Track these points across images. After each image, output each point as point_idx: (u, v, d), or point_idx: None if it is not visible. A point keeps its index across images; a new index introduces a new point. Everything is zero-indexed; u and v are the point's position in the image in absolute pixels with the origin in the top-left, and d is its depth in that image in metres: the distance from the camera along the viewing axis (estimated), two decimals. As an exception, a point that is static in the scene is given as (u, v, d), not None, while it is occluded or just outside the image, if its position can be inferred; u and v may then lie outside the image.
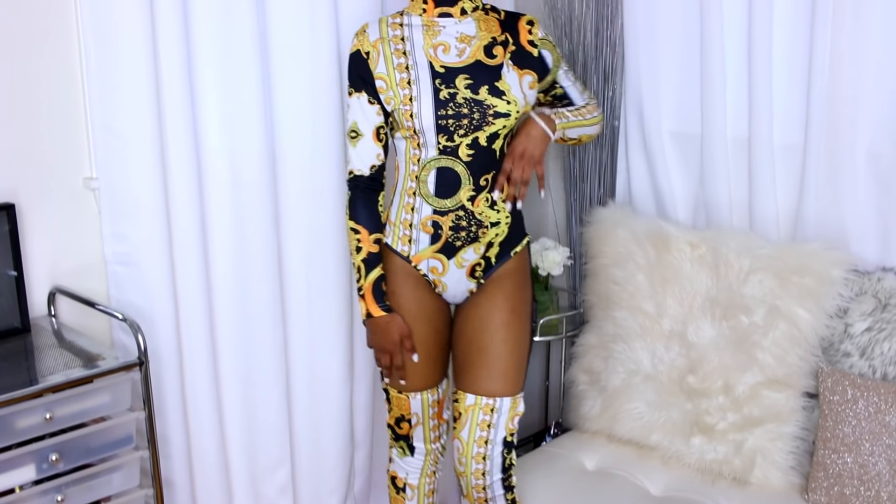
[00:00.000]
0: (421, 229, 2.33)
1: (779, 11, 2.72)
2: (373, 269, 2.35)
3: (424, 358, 2.40)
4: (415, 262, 2.37)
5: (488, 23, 2.32)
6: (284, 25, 2.60)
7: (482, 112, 2.24)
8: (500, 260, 2.39)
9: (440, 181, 2.29)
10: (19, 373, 2.18)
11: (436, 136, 2.25)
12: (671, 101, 3.03)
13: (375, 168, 2.35)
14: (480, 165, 2.28)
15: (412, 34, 2.30)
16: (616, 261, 2.93)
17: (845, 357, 2.55)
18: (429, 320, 2.40)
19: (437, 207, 2.31)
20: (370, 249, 2.35)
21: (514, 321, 2.38)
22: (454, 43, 2.28)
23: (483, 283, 2.40)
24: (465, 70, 2.26)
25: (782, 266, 2.63)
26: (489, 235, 2.35)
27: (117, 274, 2.54)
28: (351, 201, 2.37)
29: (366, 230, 2.35)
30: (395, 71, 2.27)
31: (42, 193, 2.44)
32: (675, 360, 2.76)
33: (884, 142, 2.58)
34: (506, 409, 2.34)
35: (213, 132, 2.52)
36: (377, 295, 2.35)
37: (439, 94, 2.23)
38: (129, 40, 2.38)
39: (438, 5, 2.29)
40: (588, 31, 3.15)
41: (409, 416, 2.47)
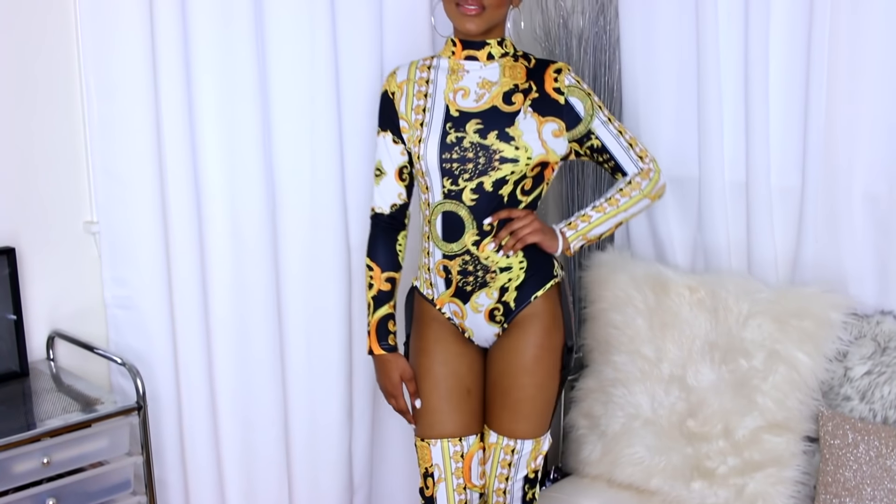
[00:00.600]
0: (436, 273, 2.36)
1: (775, 56, 2.75)
2: (380, 306, 2.40)
3: (443, 401, 2.37)
4: (438, 306, 2.39)
5: (514, 69, 2.32)
6: (284, 71, 2.62)
7: (488, 157, 2.24)
8: (520, 304, 2.35)
9: (446, 225, 2.31)
10: (17, 417, 2.17)
11: (440, 179, 2.27)
12: (669, 145, 3.05)
13: (396, 207, 2.40)
14: (485, 210, 2.28)
15: (437, 77, 2.33)
16: (615, 305, 2.92)
17: (845, 401, 2.54)
18: (446, 363, 2.38)
19: (445, 252, 2.32)
20: (381, 287, 2.40)
21: (538, 367, 2.35)
22: (474, 88, 2.29)
23: (507, 327, 2.38)
24: (479, 115, 2.27)
25: (781, 309, 2.63)
26: (500, 280, 2.32)
27: (117, 318, 2.54)
28: (370, 238, 2.44)
29: (378, 268, 2.41)
30: (412, 112, 2.32)
31: (42, 237, 2.44)
32: (675, 404, 2.76)
33: (881, 184, 2.59)
34: (527, 451, 2.36)
35: (213, 177, 2.53)
36: (380, 333, 2.40)
37: (447, 137, 2.25)
38: (131, 86, 2.40)
39: (466, 48, 2.31)
40: (586, 77, 3.17)
41: (432, 468, 2.38)
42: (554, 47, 3.25)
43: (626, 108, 3.14)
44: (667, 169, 3.00)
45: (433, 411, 2.38)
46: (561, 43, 3.22)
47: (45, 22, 2.38)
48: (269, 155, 2.64)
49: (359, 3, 2.73)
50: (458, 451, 2.38)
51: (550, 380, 2.38)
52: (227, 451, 2.66)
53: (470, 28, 2.24)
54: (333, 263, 2.75)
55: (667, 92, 3.03)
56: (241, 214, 2.59)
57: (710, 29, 2.82)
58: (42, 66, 2.39)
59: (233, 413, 2.66)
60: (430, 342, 2.40)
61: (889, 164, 2.58)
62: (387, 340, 2.41)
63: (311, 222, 2.71)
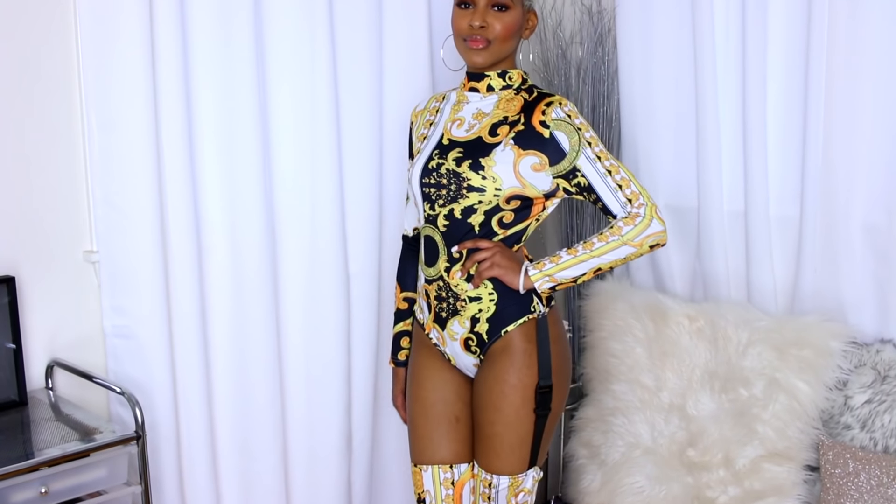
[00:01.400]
0: (422, 297, 2.38)
1: (773, 86, 2.77)
2: (397, 322, 2.54)
3: (431, 427, 2.36)
4: (427, 331, 2.39)
5: (510, 102, 2.29)
6: (284, 102, 2.64)
7: (458, 184, 2.23)
8: (491, 337, 2.28)
9: (427, 249, 2.33)
10: (15, 446, 2.16)
11: (422, 203, 2.31)
12: (668, 175, 3.06)
13: (417, 230, 2.46)
14: (454, 238, 2.26)
15: (444, 107, 2.37)
16: (614, 334, 2.93)
17: (846, 429, 2.53)
18: (434, 389, 2.38)
19: (426, 276, 2.34)
20: (399, 305, 2.53)
21: (504, 404, 2.26)
22: (469, 118, 2.31)
23: (483, 359, 2.33)
24: (463, 144, 2.26)
25: (781, 338, 2.63)
26: (470, 310, 2.28)
27: (116, 347, 2.53)
28: (399, 258, 2.56)
29: (399, 287, 2.53)
30: (417, 141, 2.39)
31: (42, 266, 2.45)
32: (675, 433, 2.75)
33: (879, 213, 2.60)
34: (504, 486, 2.29)
35: (213, 208, 2.54)
36: (394, 347, 2.55)
37: (430, 162, 2.28)
38: (132, 117, 2.41)
39: (470, 80, 2.33)
40: (585, 107, 3.19)
41: (424, 493, 2.38)
42: (553, 77, 3.27)
43: (625, 139, 3.15)
44: (666, 198, 3.03)
45: (423, 437, 2.38)
46: (560, 73, 3.24)
47: (46, 54, 2.39)
48: (268, 185, 2.65)
49: (358, 36, 2.75)
50: (449, 479, 2.37)
51: (519, 419, 2.26)
52: (226, 480, 2.65)
53: (477, 61, 2.25)
54: (333, 293, 2.76)
55: (665, 122, 3.04)
56: (240, 244, 2.60)
57: (708, 59, 2.84)
58: (44, 96, 2.40)
59: (231, 442, 2.65)
60: (420, 368, 2.42)
61: (887, 193, 2.59)
62: (398, 356, 2.53)
63: (310, 252, 2.72)
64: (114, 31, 2.38)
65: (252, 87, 2.55)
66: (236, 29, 2.51)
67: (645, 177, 3.09)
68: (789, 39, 2.73)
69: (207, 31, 2.47)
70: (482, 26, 2.20)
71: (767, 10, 2.74)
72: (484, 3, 2.22)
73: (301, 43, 2.63)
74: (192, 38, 2.46)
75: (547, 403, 2.28)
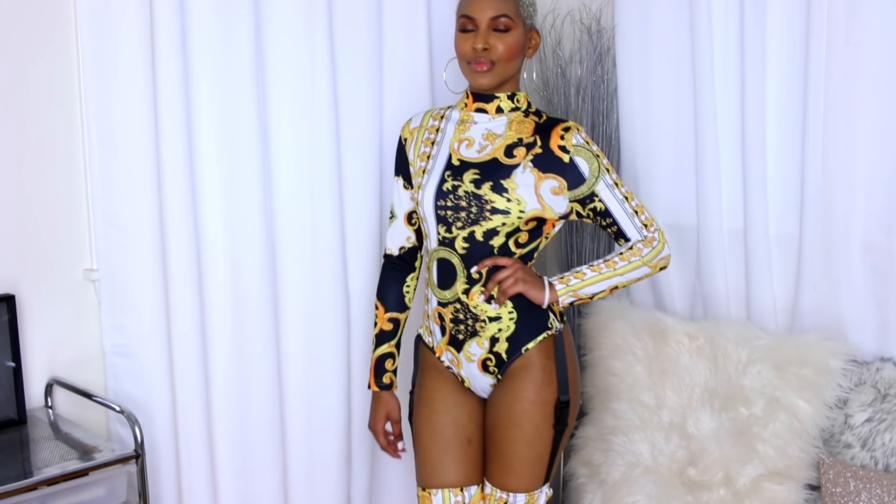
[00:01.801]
0: (433, 320, 2.37)
1: (771, 104, 2.77)
2: (381, 345, 2.47)
3: (443, 451, 2.35)
4: (438, 354, 2.40)
5: (522, 124, 2.32)
6: (285, 122, 2.65)
7: (480, 206, 2.24)
8: (511, 355, 2.31)
9: (440, 272, 2.32)
10: (14, 465, 2.16)
11: (436, 226, 2.29)
12: (667, 193, 3.06)
13: (404, 249, 2.46)
14: (475, 259, 2.28)
15: (447, 126, 2.36)
16: (614, 352, 2.92)
17: (846, 448, 2.53)
18: (447, 412, 2.37)
19: (440, 299, 2.34)
20: (383, 327, 2.47)
21: (525, 420, 2.30)
22: (479, 139, 2.31)
23: (501, 378, 2.35)
24: (478, 165, 2.27)
25: (781, 357, 2.63)
26: (490, 330, 2.30)
27: (115, 366, 2.53)
28: (380, 278, 2.52)
29: (383, 307, 2.47)
30: (417, 159, 2.36)
31: (42, 284, 2.45)
32: (676, 452, 2.74)
33: (879, 232, 2.60)
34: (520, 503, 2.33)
35: (213, 226, 2.55)
36: (378, 371, 2.47)
37: (444, 184, 2.27)
38: (132, 135, 2.42)
39: (476, 101, 2.34)
40: (585, 125, 3.19)
41: None
42: (552, 96, 3.27)
43: (624, 157, 3.16)
44: (665, 217, 3.04)
45: (433, 461, 2.36)
46: (559, 92, 3.25)
47: (46, 72, 2.40)
48: (268, 203, 2.66)
49: (358, 53, 2.76)
50: (460, 501, 2.36)
51: (539, 435, 2.31)
52: (225, 499, 2.65)
53: (482, 83, 2.27)
54: (333, 311, 2.76)
55: (664, 140, 3.05)
56: (240, 263, 2.60)
57: (707, 77, 2.85)
58: (44, 114, 2.41)
59: (231, 462, 2.65)
60: (430, 391, 2.40)
61: (887, 211, 2.59)
62: (382, 379, 2.46)
63: (310, 270, 2.73)
64: (114, 49, 2.39)
65: (252, 105, 2.56)
66: (237, 47, 2.52)
67: (644, 195, 3.10)
68: (788, 58, 2.74)
69: (208, 50, 2.48)
70: (485, 48, 2.23)
71: (766, 28, 2.75)
72: (486, 25, 2.24)
73: (301, 63, 2.65)
74: (192, 56, 2.47)
75: (565, 419, 2.33)
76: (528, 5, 2.30)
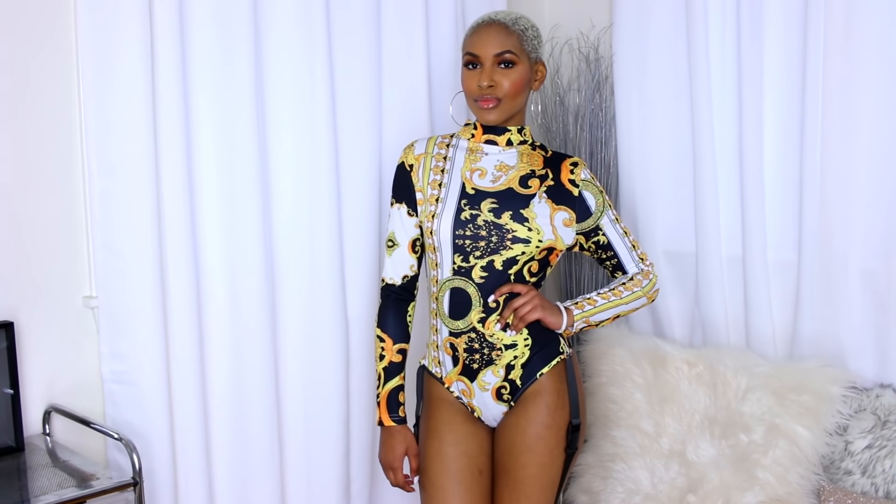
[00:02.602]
0: (444, 351, 2.36)
1: (769, 131, 2.79)
2: (392, 378, 2.39)
3: (454, 482, 2.32)
4: (447, 384, 2.39)
5: (532, 157, 2.37)
6: (285, 147, 2.66)
7: (500, 235, 2.26)
8: (525, 382, 2.34)
9: (453, 302, 2.32)
10: (12, 493, 2.15)
11: (452, 256, 2.29)
12: (665, 220, 3.07)
13: (408, 279, 2.42)
14: (492, 289, 2.29)
15: (455, 155, 2.37)
16: (613, 379, 2.92)
17: (847, 475, 2.52)
18: (457, 444, 2.35)
19: (451, 329, 2.33)
20: (392, 359, 2.39)
21: (539, 445, 2.31)
22: (492, 170, 2.34)
23: (514, 405, 2.36)
24: (495, 195, 2.30)
25: (780, 384, 2.63)
26: (506, 358, 2.32)
27: (114, 393, 2.52)
28: (381, 309, 2.44)
29: (391, 339, 2.40)
30: (428, 186, 2.35)
31: (41, 311, 2.44)
32: (675, 479, 2.73)
33: (877, 258, 2.61)
34: None
35: (212, 254, 2.55)
36: (391, 405, 2.38)
37: (461, 213, 2.28)
38: (132, 162, 2.42)
39: (486, 132, 2.37)
40: (583, 153, 3.21)
41: None
42: (550, 124, 3.29)
43: (623, 185, 3.17)
44: (664, 244, 3.05)
45: (445, 492, 2.32)
46: (558, 120, 3.27)
47: (47, 98, 2.41)
48: (268, 232, 2.66)
49: (359, 82, 2.78)
50: None
51: (552, 459, 2.33)
52: (224, 527, 2.64)
53: (490, 119, 2.31)
54: (332, 338, 2.76)
55: (663, 168, 3.06)
56: (239, 291, 2.60)
57: (705, 105, 2.86)
58: (44, 140, 2.41)
59: (229, 490, 2.64)
60: (439, 423, 2.38)
61: (885, 238, 2.60)
62: (397, 412, 2.39)
63: (309, 297, 2.73)
64: (114, 75, 2.40)
65: (252, 132, 2.57)
66: (236, 72, 2.54)
67: (643, 222, 3.11)
68: (785, 85, 2.76)
69: (207, 76, 2.49)
70: (490, 85, 2.26)
71: (762, 57, 2.77)
72: (490, 62, 2.27)
73: (303, 86, 2.65)
74: (192, 84, 2.48)
75: (575, 442, 2.36)
76: (532, 38, 2.32)
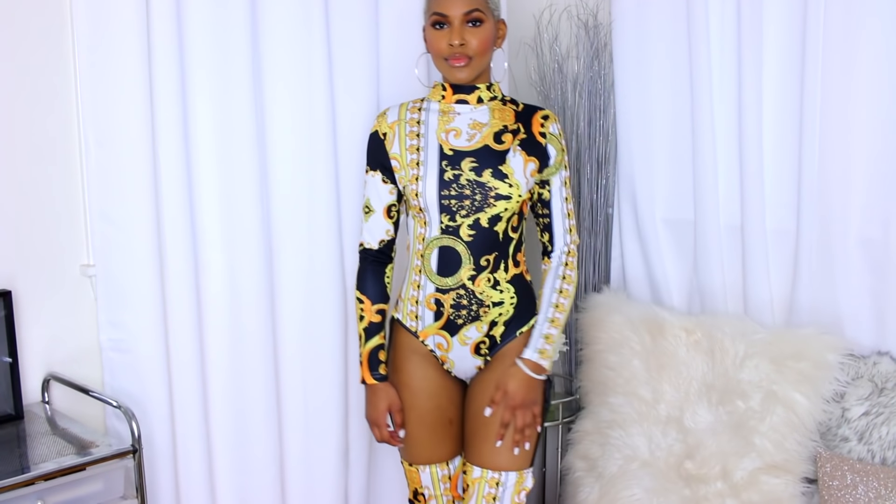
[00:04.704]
0: (425, 306, 2.40)
1: (768, 99, 2.77)
2: (371, 337, 2.45)
3: (428, 433, 2.45)
4: (422, 338, 2.43)
5: (503, 112, 2.41)
6: (281, 113, 2.65)
7: (484, 194, 2.32)
8: (505, 339, 2.41)
9: (442, 260, 2.36)
10: (11, 460, 2.15)
11: (439, 215, 2.33)
12: (664, 188, 3.07)
13: (384, 243, 2.47)
14: (481, 246, 2.34)
15: (428, 118, 2.41)
16: (611, 347, 2.93)
17: (843, 442, 2.53)
18: (431, 396, 2.44)
19: (439, 286, 2.37)
20: (371, 319, 2.45)
21: None
22: (466, 129, 2.38)
23: (490, 360, 2.43)
24: (473, 154, 2.35)
25: (778, 351, 2.63)
26: (491, 314, 2.38)
27: (112, 361, 2.53)
28: (359, 272, 2.50)
29: (369, 300, 2.46)
30: (406, 151, 2.38)
31: (39, 280, 2.45)
32: (673, 445, 2.75)
33: (875, 226, 2.60)
34: (511, 484, 2.37)
35: (210, 222, 2.55)
36: (372, 363, 2.45)
37: (444, 174, 2.33)
38: (129, 132, 2.42)
39: (456, 92, 2.40)
40: (581, 121, 3.20)
41: (422, 489, 2.51)
42: (549, 92, 3.28)
43: (621, 152, 3.16)
44: (662, 212, 3.05)
45: (420, 442, 2.46)
46: (556, 87, 3.25)
47: (43, 69, 2.40)
48: (265, 199, 2.65)
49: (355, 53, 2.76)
50: (446, 474, 2.50)
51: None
52: (222, 494, 2.64)
53: (461, 77, 2.35)
54: (330, 305, 2.76)
55: (661, 136, 3.05)
56: (237, 258, 2.60)
57: (704, 73, 2.85)
58: (40, 111, 2.41)
59: (228, 456, 2.65)
60: (412, 377, 2.45)
61: (883, 206, 2.59)
62: (378, 370, 2.45)
63: (307, 264, 2.72)
64: (111, 46, 2.39)
65: (249, 100, 2.56)
66: (233, 40, 2.53)
67: (641, 190, 3.10)
68: (785, 52, 2.74)
69: (204, 45, 2.48)
70: (462, 44, 2.30)
71: (763, 23, 2.75)
72: (459, 21, 2.31)
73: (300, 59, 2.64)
74: (189, 53, 2.46)
75: (548, 397, 2.45)
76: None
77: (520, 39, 3.35)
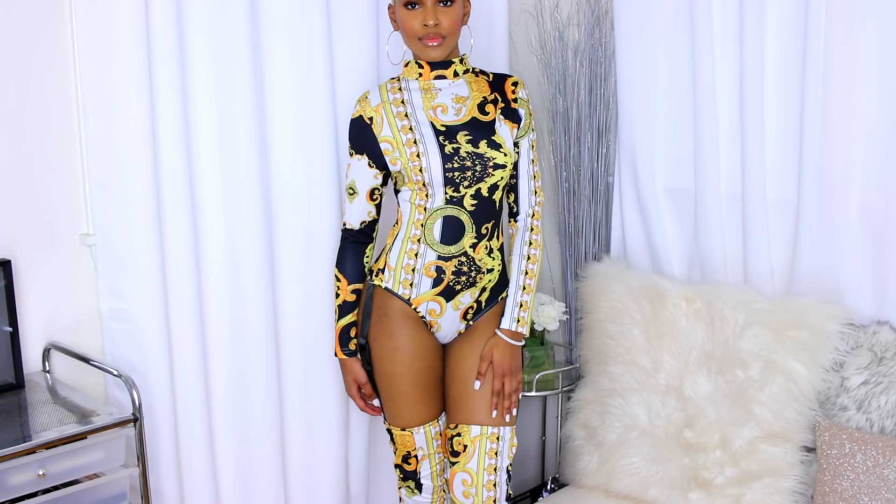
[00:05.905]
0: (423, 273, 2.45)
1: (770, 68, 2.76)
2: (344, 315, 2.58)
3: (423, 393, 2.54)
4: (415, 305, 2.49)
5: (479, 83, 2.51)
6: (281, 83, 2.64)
7: (483, 164, 2.41)
8: (488, 304, 2.55)
9: (446, 229, 2.43)
10: (12, 429, 2.16)
11: (443, 188, 2.41)
12: (664, 157, 3.06)
13: (365, 223, 2.55)
14: (482, 214, 2.45)
15: (412, 97, 2.47)
16: (611, 316, 2.93)
17: (842, 411, 2.54)
18: (425, 358, 2.53)
19: (441, 253, 2.44)
20: (346, 298, 2.57)
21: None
22: (451, 104, 2.46)
23: (472, 325, 2.55)
24: (464, 127, 2.43)
25: (778, 320, 2.63)
26: (483, 281, 2.50)
27: (112, 330, 2.54)
28: (340, 251, 2.61)
29: (346, 280, 2.57)
30: (399, 132, 2.42)
31: (38, 249, 2.45)
32: (672, 414, 2.76)
33: (876, 196, 2.60)
34: (507, 438, 2.50)
35: (209, 190, 2.54)
36: (342, 339, 2.58)
37: (444, 149, 2.39)
38: (127, 99, 2.41)
39: (434, 69, 2.47)
40: (582, 90, 3.18)
41: (415, 451, 2.58)
42: (550, 60, 3.25)
43: (622, 121, 3.15)
44: (663, 181, 3.04)
45: (417, 404, 2.54)
46: (556, 55, 3.23)
47: (41, 37, 2.39)
48: (265, 166, 2.65)
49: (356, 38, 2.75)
50: (438, 431, 2.60)
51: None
52: (223, 462, 2.66)
53: (434, 55, 2.43)
54: (330, 274, 2.75)
55: (662, 104, 3.04)
56: (237, 226, 2.60)
57: (706, 41, 2.83)
58: (39, 79, 2.40)
59: (228, 425, 2.66)
60: (409, 339, 2.51)
61: (884, 175, 2.58)
62: (347, 346, 2.58)
63: (308, 233, 2.73)
64: (109, 13, 2.37)
65: (250, 74, 2.55)
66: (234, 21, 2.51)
67: (642, 159, 3.09)
68: (787, 21, 2.72)
69: (203, 19, 2.46)
70: (436, 24, 2.37)
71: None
72: (431, 1, 2.37)
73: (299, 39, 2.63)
74: (187, 21, 2.45)
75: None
76: None
77: (521, 7, 3.32)
